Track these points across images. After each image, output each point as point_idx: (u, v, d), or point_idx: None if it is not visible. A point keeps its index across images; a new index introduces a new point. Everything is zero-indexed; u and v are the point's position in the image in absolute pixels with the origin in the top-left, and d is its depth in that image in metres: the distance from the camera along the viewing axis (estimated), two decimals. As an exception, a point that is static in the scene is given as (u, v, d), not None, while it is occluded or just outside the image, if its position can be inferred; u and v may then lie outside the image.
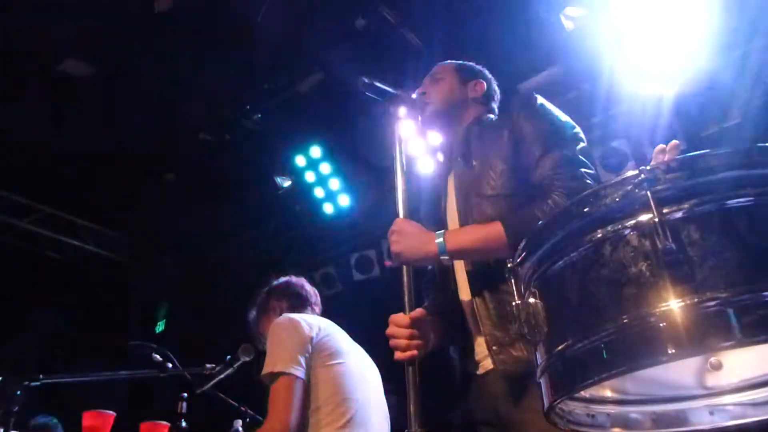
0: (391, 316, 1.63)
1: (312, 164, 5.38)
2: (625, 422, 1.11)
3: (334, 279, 5.64)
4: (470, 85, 2.00)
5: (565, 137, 1.68)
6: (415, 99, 1.88)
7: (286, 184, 5.52)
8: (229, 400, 2.95)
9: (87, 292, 6.03)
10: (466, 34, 3.94)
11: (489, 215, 1.67)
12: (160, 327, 6.67)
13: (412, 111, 1.84)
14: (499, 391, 1.62)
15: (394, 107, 1.80)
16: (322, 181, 5.42)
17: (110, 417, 2.55)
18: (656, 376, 1.07)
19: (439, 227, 1.76)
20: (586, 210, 0.96)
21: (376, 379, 2.44)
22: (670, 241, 0.85)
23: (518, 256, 1.08)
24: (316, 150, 5.32)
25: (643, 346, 0.85)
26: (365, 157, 4.87)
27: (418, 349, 1.58)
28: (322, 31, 4.22)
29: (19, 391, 2.28)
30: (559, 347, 0.95)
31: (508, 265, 1.09)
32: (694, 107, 3.95)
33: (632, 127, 4.14)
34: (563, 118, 1.76)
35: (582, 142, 1.71)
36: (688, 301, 0.83)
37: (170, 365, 2.76)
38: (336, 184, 5.40)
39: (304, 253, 5.75)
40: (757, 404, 1.08)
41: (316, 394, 2.18)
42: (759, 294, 0.81)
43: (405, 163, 1.78)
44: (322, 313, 2.64)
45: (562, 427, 1.06)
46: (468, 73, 2.04)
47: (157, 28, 4.03)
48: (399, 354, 1.57)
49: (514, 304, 1.04)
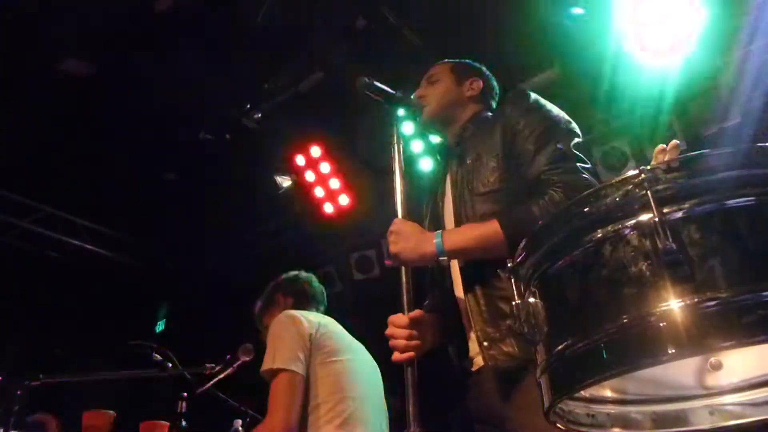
0: (390, 317, 1.63)
1: (312, 164, 5.38)
2: (625, 422, 1.11)
3: (334, 279, 5.63)
4: (466, 84, 1.99)
5: (559, 132, 1.67)
6: (413, 101, 1.88)
7: (286, 184, 5.52)
8: (229, 400, 2.95)
9: (87, 292, 6.03)
10: (466, 34, 3.93)
11: (481, 213, 1.68)
12: (160, 327, 6.67)
13: (410, 112, 1.85)
14: (490, 388, 1.63)
15: (394, 107, 1.80)
16: (322, 181, 5.42)
17: (110, 416, 2.55)
18: (656, 376, 1.07)
19: (437, 227, 1.77)
20: (586, 210, 0.96)
21: (376, 378, 2.44)
22: (671, 240, 0.85)
23: (518, 256, 1.08)
24: (316, 150, 5.32)
25: (643, 346, 0.85)
26: (365, 157, 4.87)
27: (416, 350, 1.58)
28: (322, 31, 4.22)
29: (19, 391, 2.28)
30: (559, 347, 0.95)
31: (508, 265, 1.09)
32: (695, 107, 3.95)
33: (632, 127, 4.14)
34: (557, 113, 1.75)
35: (577, 137, 1.70)
36: (688, 301, 0.83)
37: (170, 365, 2.77)
38: (336, 184, 5.40)
39: (304, 253, 5.74)
40: (757, 404, 1.08)
41: (316, 392, 2.18)
42: (759, 294, 0.81)
43: (404, 164, 1.78)
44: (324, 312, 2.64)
45: (561, 427, 1.06)
46: (464, 71, 2.03)
47: (158, 28, 4.03)
48: (397, 355, 1.58)
49: (513, 303, 1.04)
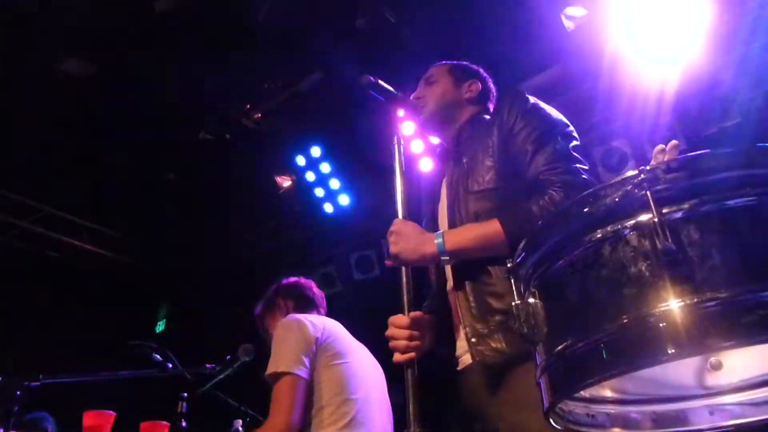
0: (390, 318, 1.63)
1: (312, 164, 5.38)
2: (625, 422, 1.11)
3: (334, 279, 5.63)
4: (465, 86, 1.99)
5: (558, 134, 1.68)
6: (412, 102, 1.88)
7: (286, 184, 5.52)
8: (229, 400, 2.96)
9: (87, 292, 6.03)
10: (466, 35, 3.93)
11: (474, 211, 1.68)
12: (160, 327, 6.67)
13: (410, 113, 1.85)
14: (477, 385, 1.63)
15: (394, 107, 1.80)
16: (322, 181, 5.42)
17: (110, 417, 2.55)
18: (656, 376, 1.07)
19: (434, 229, 1.77)
20: (585, 210, 0.96)
21: (380, 379, 2.44)
22: (670, 241, 0.85)
23: (518, 256, 1.08)
24: (316, 150, 5.32)
25: (642, 346, 0.85)
26: (365, 157, 4.87)
27: (417, 351, 1.59)
28: (322, 31, 4.22)
29: (19, 391, 2.28)
30: (559, 347, 0.95)
31: (508, 265, 1.09)
32: (695, 107, 3.94)
33: (632, 127, 4.13)
34: (556, 115, 1.75)
35: (575, 140, 1.70)
36: (688, 301, 0.83)
37: (170, 365, 2.77)
38: (336, 183, 5.40)
39: (304, 253, 5.75)
40: (756, 404, 1.08)
41: (320, 394, 2.19)
42: (759, 294, 0.81)
43: (404, 164, 1.78)
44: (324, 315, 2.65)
45: (561, 427, 1.06)
46: (462, 73, 2.03)
47: (158, 28, 4.03)
48: (398, 356, 1.58)
49: (513, 304, 1.04)
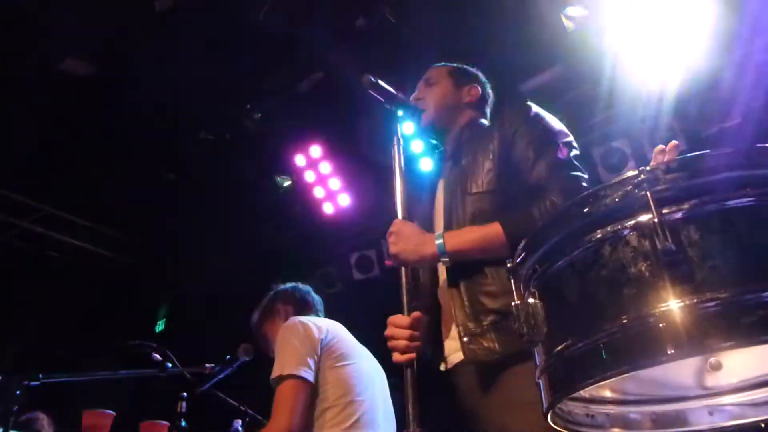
0: (390, 318, 1.63)
1: (312, 164, 5.38)
2: (625, 422, 1.11)
3: (334, 279, 5.63)
4: (465, 89, 2.01)
5: (559, 142, 1.70)
6: (411, 104, 1.88)
7: (286, 183, 5.52)
8: (229, 400, 2.96)
9: (87, 292, 6.03)
10: (467, 35, 3.93)
11: (471, 212, 1.69)
12: (160, 327, 6.67)
13: (409, 114, 1.86)
14: (469, 385, 1.64)
15: (394, 108, 1.80)
16: (322, 181, 5.42)
17: (110, 416, 2.56)
18: (656, 377, 1.08)
19: (428, 228, 1.78)
20: (585, 210, 0.96)
21: (381, 380, 2.45)
22: (670, 241, 0.85)
23: (518, 256, 1.08)
24: (316, 150, 5.32)
25: (642, 347, 0.85)
26: (365, 157, 4.86)
27: (417, 351, 1.58)
28: (322, 31, 4.22)
29: (18, 391, 2.28)
30: (559, 347, 0.95)
31: (508, 265, 1.10)
32: (695, 107, 3.94)
33: (632, 128, 4.13)
34: (556, 124, 1.77)
35: (575, 149, 1.73)
36: (688, 302, 0.83)
37: (170, 365, 2.77)
38: (336, 183, 5.40)
39: (304, 253, 5.74)
40: (756, 404, 1.08)
41: (325, 395, 2.19)
42: (759, 294, 0.81)
43: (404, 164, 1.78)
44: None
45: (560, 427, 1.06)
46: (462, 77, 2.05)
47: (158, 27, 4.03)
48: (398, 356, 1.57)
49: (513, 304, 1.04)
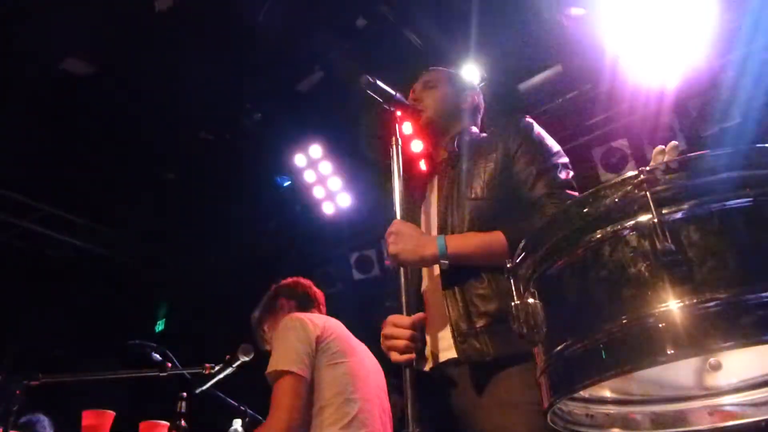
0: (390, 317, 1.62)
1: (312, 164, 5.38)
2: (625, 422, 1.11)
3: (334, 278, 5.63)
4: (462, 96, 2.03)
5: (558, 163, 1.75)
6: (410, 105, 1.88)
7: (286, 183, 5.52)
8: (229, 400, 2.95)
9: (87, 292, 6.03)
10: (467, 34, 3.93)
11: (469, 217, 1.71)
12: (160, 326, 6.67)
13: (407, 115, 1.85)
14: (460, 383, 1.64)
15: (393, 108, 1.80)
16: (322, 181, 5.42)
17: (110, 416, 2.56)
18: (655, 377, 1.07)
19: None
20: (585, 210, 0.96)
21: (380, 379, 2.44)
22: (670, 241, 0.85)
23: (517, 256, 1.08)
24: (316, 149, 5.32)
25: (642, 347, 0.85)
26: (365, 157, 4.87)
27: (417, 352, 1.58)
28: (322, 31, 4.22)
29: (18, 391, 2.28)
30: (558, 347, 0.95)
31: (508, 265, 1.09)
32: (695, 107, 3.94)
33: (632, 128, 4.14)
34: (555, 146, 1.82)
35: (571, 170, 1.79)
36: (687, 302, 0.83)
37: (170, 365, 2.77)
38: (336, 183, 5.40)
39: (304, 253, 5.75)
40: (756, 405, 1.08)
41: (321, 394, 2.18)
42: (758, 295, 0.81)
43: (402, 165, 1.78)
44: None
45: (560, 427, 1.06)
46: (460, 83, 2.08)
47: (158, 27, 4.03)
48: (398, 356, 1.56)
49: (513, 304, 1.04)
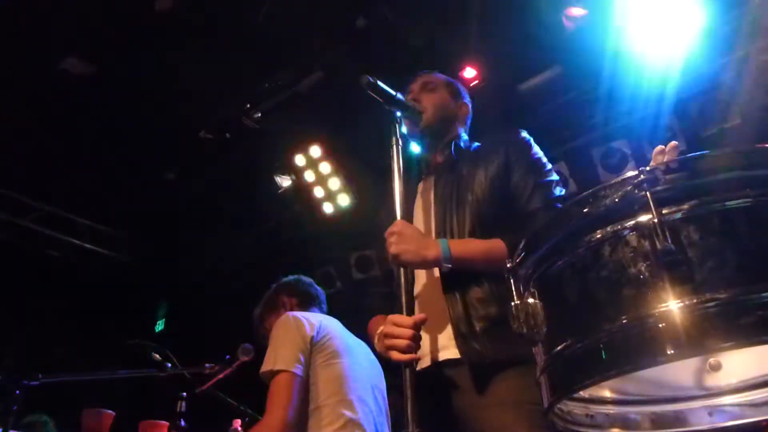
0: (391, 316, 1.61)
1: (312, 163, 5.38)
2: (624, 422, 1.11)
3: (334, 278, 5.63)
4: (458, 103, 2.08)
5: (553, 180, 1.82)
6: (411, 105, 1.88)
7: (286, 183, 5.51)
8: (228, 400, 2.95)
9: (87, 291, 6.03)
10: (467, 34, 3.93)
11: (470, 222, 1.76)
12: (160, 326, 6.67)
13: (407, 116, 1.86)
14: (459, 384, 1.66)
15: (393, 108, 1.80)
16: (321, 181, 5.42)
17: (109, 415, 2.56)
18: (655, 377, 1.07)
19: None
20: (585, 210, 0.96)
21: (378, 378, 2.43)
22: (670, 241, 0.85)
23: (517, 256, 1.08)
24: (316, 149, 5.32)
25: (642, 347, 0.85)
26: (365, 157, 4.86)
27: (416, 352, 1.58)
28: (322, 31, 4.22)
29: (18, 390, 2.28)
30: (558, 347, 0.95)
31: (508, 265, 1.09)
32: (695, 108, 3.94)
33: (632, 128, 4.14)
34: (549, 164, 1.89)
35: (564, 189, 1.86)
36: (687, 302, 0.83)
37: (169, 364, 2.77)
38: (336, 183, 5.40)
39: (304, 253, 5.74)
40: (755, 405, 1.08)
41: (317, 393, 2.17)
42: (758, 295, 0.81)
43: (402, 165, 1.78)
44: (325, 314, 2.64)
45: (560, 427, 1.06)
46: (457, 91, 2.12)
47: (158, 27, 4.03)
48: (399, 355, 1.54)
49: (512, 304, 1.04)
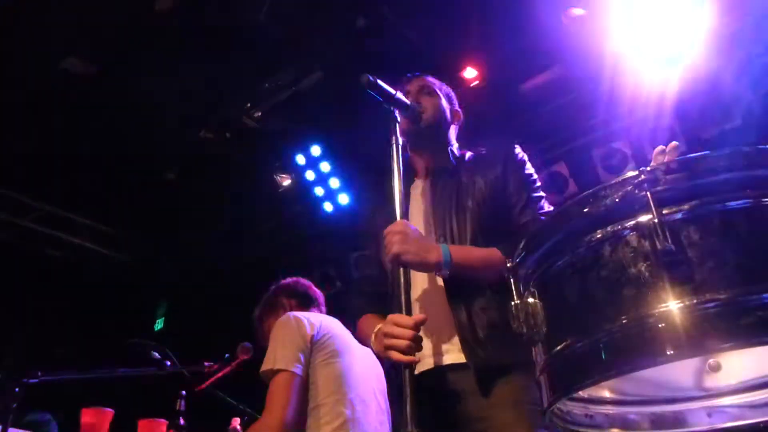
0: (391, 316, 1.61)
1: (312, 163, 5.38)
2: (624, 423, 1.11)
3: (334, 278, 5.63)
4: (453, 110, 2.12)
5: (541, 194, 1.89)
6: (411, 106, 1.88)
7: (286, 182, 5.51)
8: (228, 398, 2.95)
9: (86, 291, 6.03)
10: (467, 35, 3.93)
11: (471, 228, 1.79)
12: (159, 325, 6.66)
13: (407, 116, 1.86)
14: (464, 387, 1.67)
15: (393, 108, 1.80)
16: (322, 180, 5.42)
17: (109, 414, 2.56)
18: (655, 377, 1.07)
19: None
20: (585, 210, 0.96)
21: (378, 378, 2.43)
22: (670, 242, 0.85)
23: (517, 256, 1.08)
24: (316, 149, 5.32)
25: (641, 347, 0.85)
26: (365, 156, 4.86)
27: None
28: (323, 31, 4.22)
29: (17, 389, 2.28)
30: (558, 347, 0.95)
31: (508, 265, 1.09)
32: (695, 109, 3.94)
33: (633, 129, 4.13)
34: (536, 176, 1.95)
35: (547, 201, 1.92)
36: (687, 302, 0.83)
37: (169, 363, 2.77)
38: (336, 183, 5.40)
39: (304, 252, 5.74)
40: (755, 406, 1.08)
41: (316, 393, 2.18)
42: (758, 296, 0.81)
43: (402, 165, 1.77)
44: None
45: (559, 427, 1.06)
46: (452, 99, 2.15)
47: (158, 27, 4.03)
48: (399, 355, 1.53)
49: (512, 304, 1.04)
